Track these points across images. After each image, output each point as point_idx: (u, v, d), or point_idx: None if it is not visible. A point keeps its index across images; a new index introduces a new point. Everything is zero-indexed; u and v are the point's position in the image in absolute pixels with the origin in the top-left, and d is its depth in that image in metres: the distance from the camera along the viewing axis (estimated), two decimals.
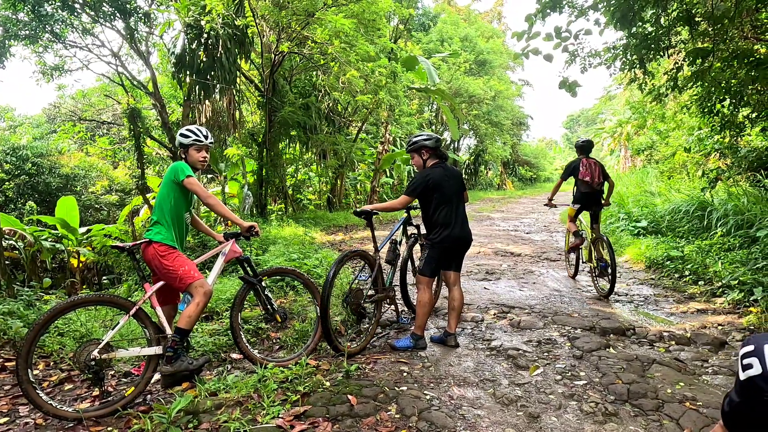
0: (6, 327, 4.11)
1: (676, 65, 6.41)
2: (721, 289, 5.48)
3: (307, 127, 12.55)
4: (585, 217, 6.27)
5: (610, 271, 5.49)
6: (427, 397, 3.13)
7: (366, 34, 11.22)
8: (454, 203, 4.02)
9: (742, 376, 0.95)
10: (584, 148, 6.18)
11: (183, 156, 3.44)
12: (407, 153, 4.26)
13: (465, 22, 31.41)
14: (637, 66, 6.41)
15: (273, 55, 11.21)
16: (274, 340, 4.25)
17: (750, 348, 0.95)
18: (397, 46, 14.57)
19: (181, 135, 3.42)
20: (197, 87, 10.09)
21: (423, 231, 4.51)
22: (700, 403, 3.04)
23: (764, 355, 0.92)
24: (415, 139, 4.13)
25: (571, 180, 6.15)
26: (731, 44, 6.24)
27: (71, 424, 2.85)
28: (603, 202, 6.06)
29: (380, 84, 12.11)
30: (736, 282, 5.33)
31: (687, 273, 6.24)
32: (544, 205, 6.76)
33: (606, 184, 6.11)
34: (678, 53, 6.98)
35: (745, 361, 0.96)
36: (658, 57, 6.40)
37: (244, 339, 3.55)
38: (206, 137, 3.44)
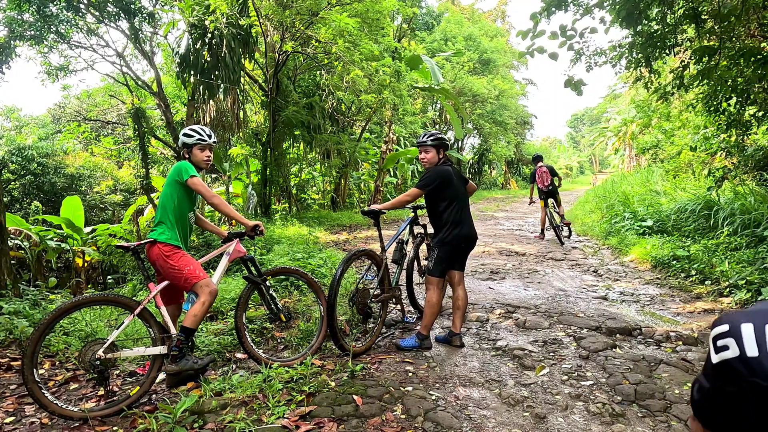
0: (12, 326, 4.13)
1: (682, 63, 6.36)
2: (728, 289, 5.44)
3: (310, 127, 12.55)
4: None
5: (565, 225, 9.70)
6: (433, 397, 3.11)
7: (370, 33, 11.20)
8: (464, 201, 4.03)
9: (716, 359, 0.84)
10: (536, 159, 9.95)
11: (186, 156, 3.44)
12: (430, 145, 4.03)
13: (469, 21, 31.36)
14: (643, 64, 6.36)
15: (277, 55, 11.22)
16: (279, 340, 4.25)
17: (724, 328, 0.84)
18: (401, 45, 14.53)
19: (185, 135, 3.42)
20: (201, 87, 10.11)
21: (430, 231, 4.48)
22: None
23: (741, 334, 0.81)
24: (441, 136, 4.07)
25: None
26: (738, 42, 6.19)
27: (77, 424, 2.85)
28: (556, 191, 9.49)
29: (384, 83, 12.10)
30: (744, 282, 5.28)
31: (693, 272, 6.19)
32: (529, 204, 10.83)
33: (556, 179, 9.56)
34: (684, 51, 6.93)
35: (720, 343, 0.84)
36: (664, 55, 6.35)
37: (248, 338, 3.54)
38: (209, 137, 3.44)
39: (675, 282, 6.25)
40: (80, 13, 8.71)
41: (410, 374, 3.49)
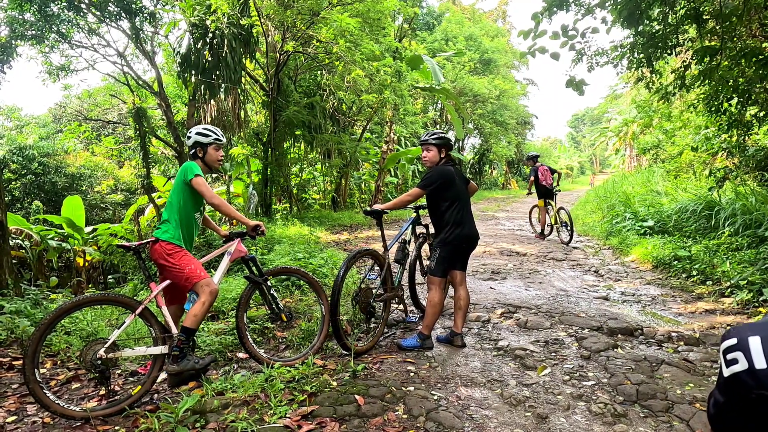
0: (13, 326, 4.13)
1: (684, 64, 6.36)
2: (729, 290, 5.44)
3: (311, 127, 12.55)
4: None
5: (569, 226, 9.31)
6: (435, 397, 3.11)
7: (371, 33, 11.20)
8: (465, 202, 4.03)
9: (726, 372, 0.86)
10: (534, 159, 10.03)
11: (201, 155, 3.45)
12: (432, 144, 4.05)
13: (469, 21, 31.36)
14: (645, 64, 6.35)
15: (278, 55, 11.22)
16: (280, 340, 4.25)
17: (733, 341, 0.87)
18: (401, 45, 14.53)
19: (200, 134, 3.43)
20: (202, 86, 10.10)
21: (432, 231, 4.48)
22: None
23: (749, 348, 0.83)
24: (444, 136, 4.10)
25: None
26: (739, 42, 6.19)
27: (78, 423, 2.85)
28: (554, 190, 9.62)
29: (385, 83, 12.09)
30: (745, 282, 5.28)
31: (695, 273, 6.19)
32: (527, 194, 10.76)
33: (555, 176, 9.75)
34: (685, 52, 6.92)
35: (729, 356, 0.86)
36: (666, 55, 6.35)
37: (250, 338, 3.54)
38: (222, 137, 3.54)
39: (676, 282, 6.24)
40: (81, 13, 8.70)
41: (412, 374, 3.48)
